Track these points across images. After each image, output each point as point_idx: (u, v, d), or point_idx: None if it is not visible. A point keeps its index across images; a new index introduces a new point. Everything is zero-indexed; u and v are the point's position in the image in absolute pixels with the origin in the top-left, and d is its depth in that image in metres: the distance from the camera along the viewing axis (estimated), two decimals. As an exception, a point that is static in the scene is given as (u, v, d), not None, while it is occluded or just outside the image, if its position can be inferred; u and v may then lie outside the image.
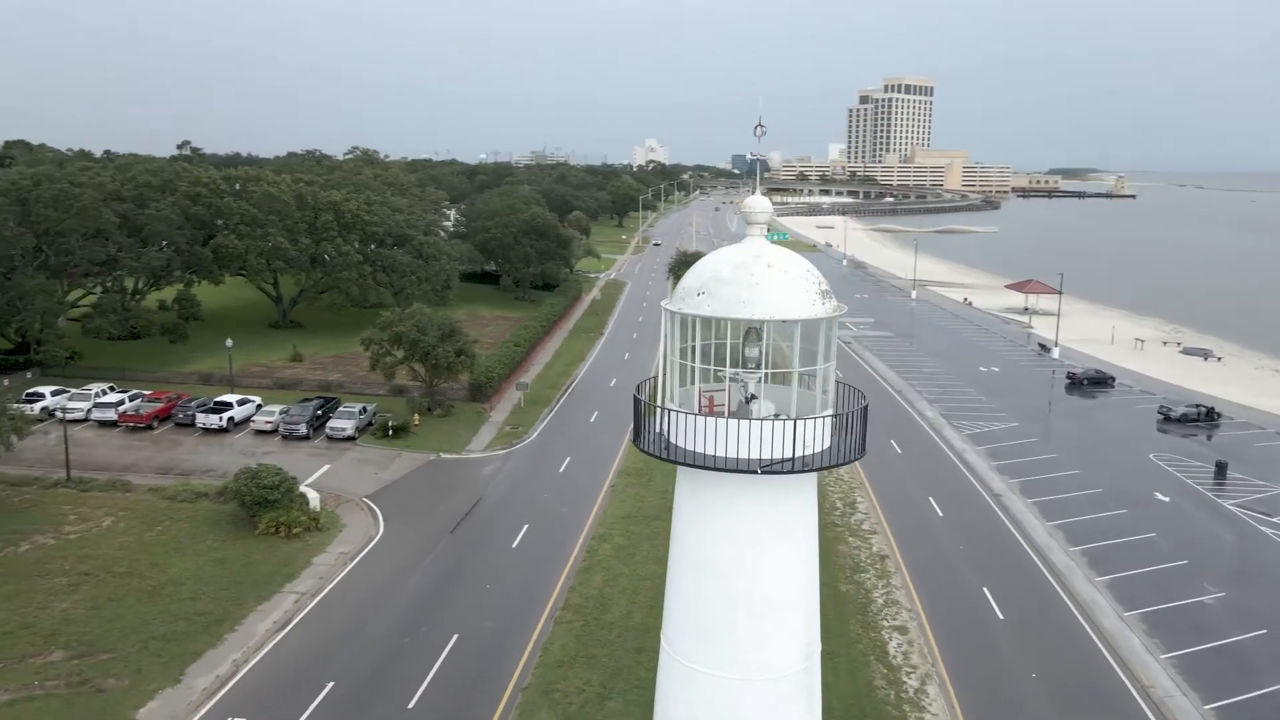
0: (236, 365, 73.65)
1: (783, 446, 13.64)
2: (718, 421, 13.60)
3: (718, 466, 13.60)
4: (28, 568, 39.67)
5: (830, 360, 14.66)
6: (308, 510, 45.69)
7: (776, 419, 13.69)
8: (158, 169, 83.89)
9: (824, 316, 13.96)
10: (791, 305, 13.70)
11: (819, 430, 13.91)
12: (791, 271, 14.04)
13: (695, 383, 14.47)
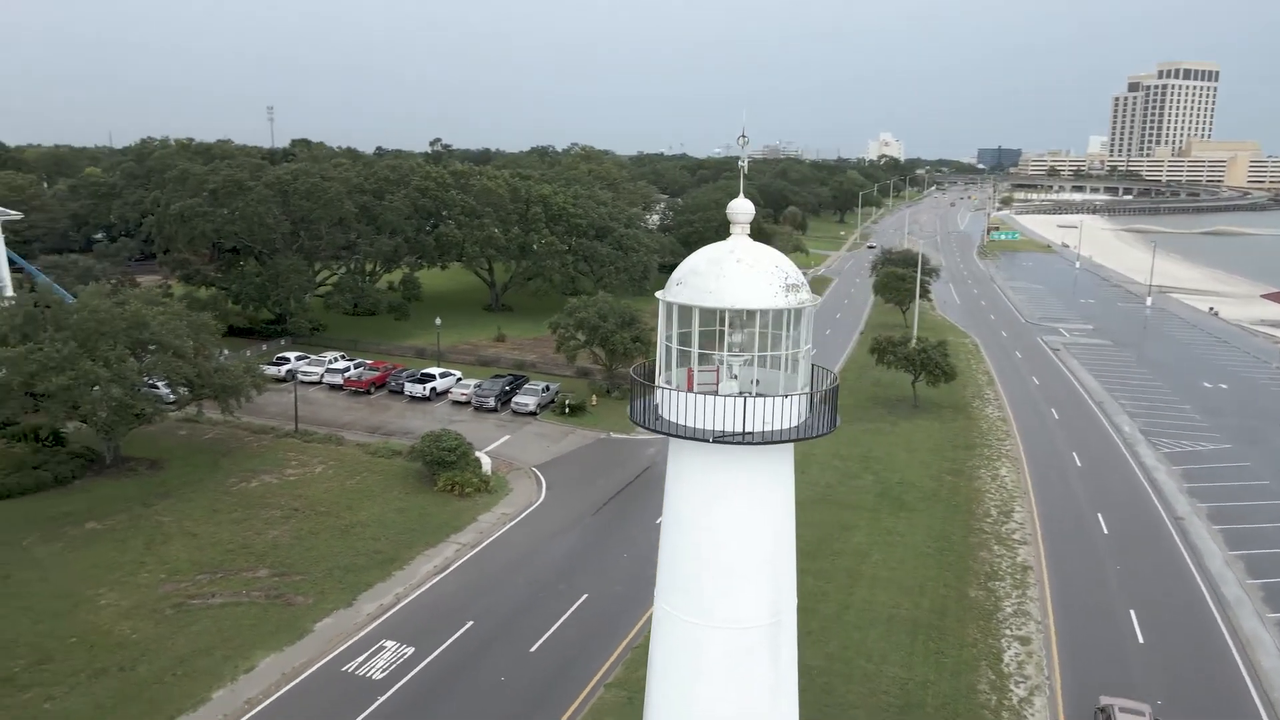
0: (448, 342, 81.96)
1: (741, 421, 15.32)
2: (687, 396, 15.51)
3: (678, 434, 15.56)
4: (253, 500, 47.52)
5: (803, 346, 16.12)
6: (480, 473, 50.95)
7: (739, 396, 15.40)
8: (396, 165, 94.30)
9: (784, 308, 15.44)
10: (753, 297, 15.31)
11: (780, 407, 15.43)
12: (758, 266, 15.62)
13: (689, 364, 16.39)
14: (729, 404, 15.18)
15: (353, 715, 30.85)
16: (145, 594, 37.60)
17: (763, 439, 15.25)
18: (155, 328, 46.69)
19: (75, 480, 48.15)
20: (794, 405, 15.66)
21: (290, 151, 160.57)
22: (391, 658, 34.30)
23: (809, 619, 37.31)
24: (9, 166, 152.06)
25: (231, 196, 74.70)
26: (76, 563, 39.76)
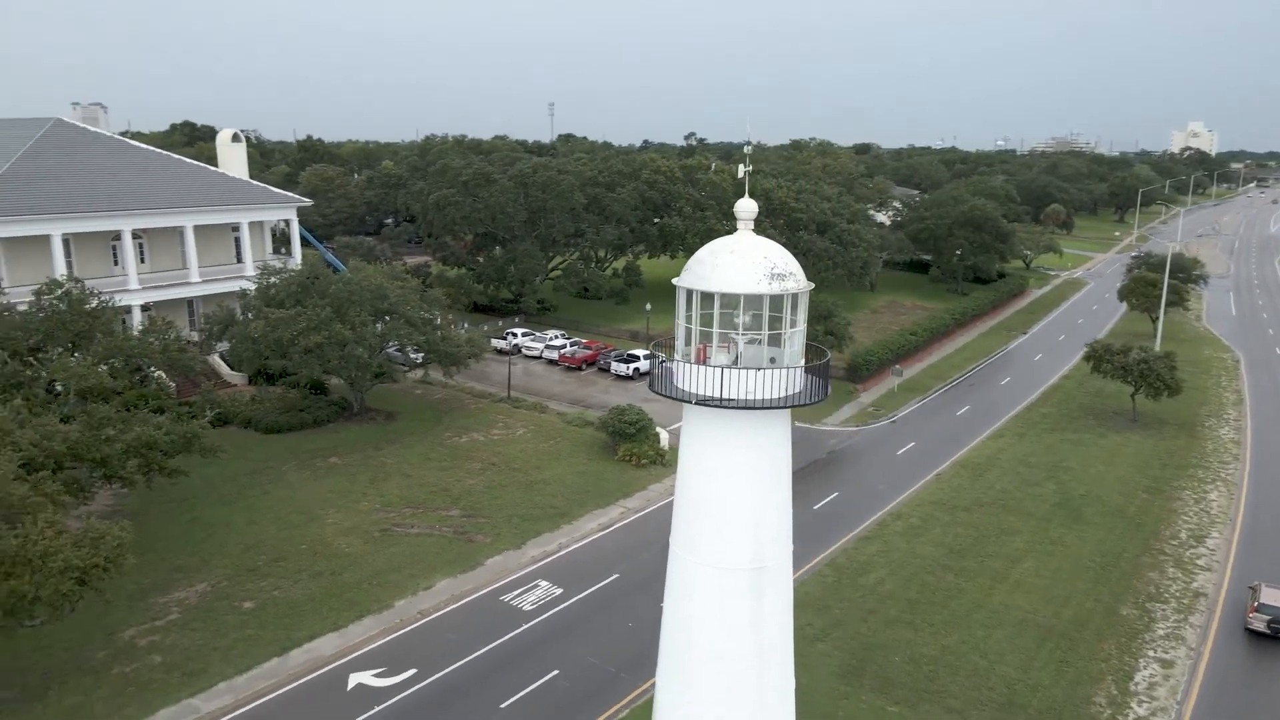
0: (662, 327, 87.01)
1: (726, 388, 17.78)
2: (689, 366, 18.19)
3: (672, 396, 18.32)
4: (460, 453, 54.80)
5: (795, 328, 18.31)
6: (657, 447, 55.10)
7: (728, 368, 17.84)
8: (630, 159, 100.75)
9: (766, 293, 17.62)
10: (739, 283, 17.58)
11: (764, 379, 17.70)
12: (747, 258, 17.84)
13: (701, 341, 19.01)
14: (721, 374, 17.77)
15: (501, 635, 36.05)
16: (362, 518, 45.37)
17: (737, 405, 17.70)
18: (393, 299, 55.16)
19: (329, 423, 58.00)
20: (776, 377, 17.91)
21: (551, 146, 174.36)
22: (542, 595, 39.27)
23: (935, 612, 37.97)
24: (324, 160, 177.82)
25: (480, 188, 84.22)
26: (316, 488, 48.54)
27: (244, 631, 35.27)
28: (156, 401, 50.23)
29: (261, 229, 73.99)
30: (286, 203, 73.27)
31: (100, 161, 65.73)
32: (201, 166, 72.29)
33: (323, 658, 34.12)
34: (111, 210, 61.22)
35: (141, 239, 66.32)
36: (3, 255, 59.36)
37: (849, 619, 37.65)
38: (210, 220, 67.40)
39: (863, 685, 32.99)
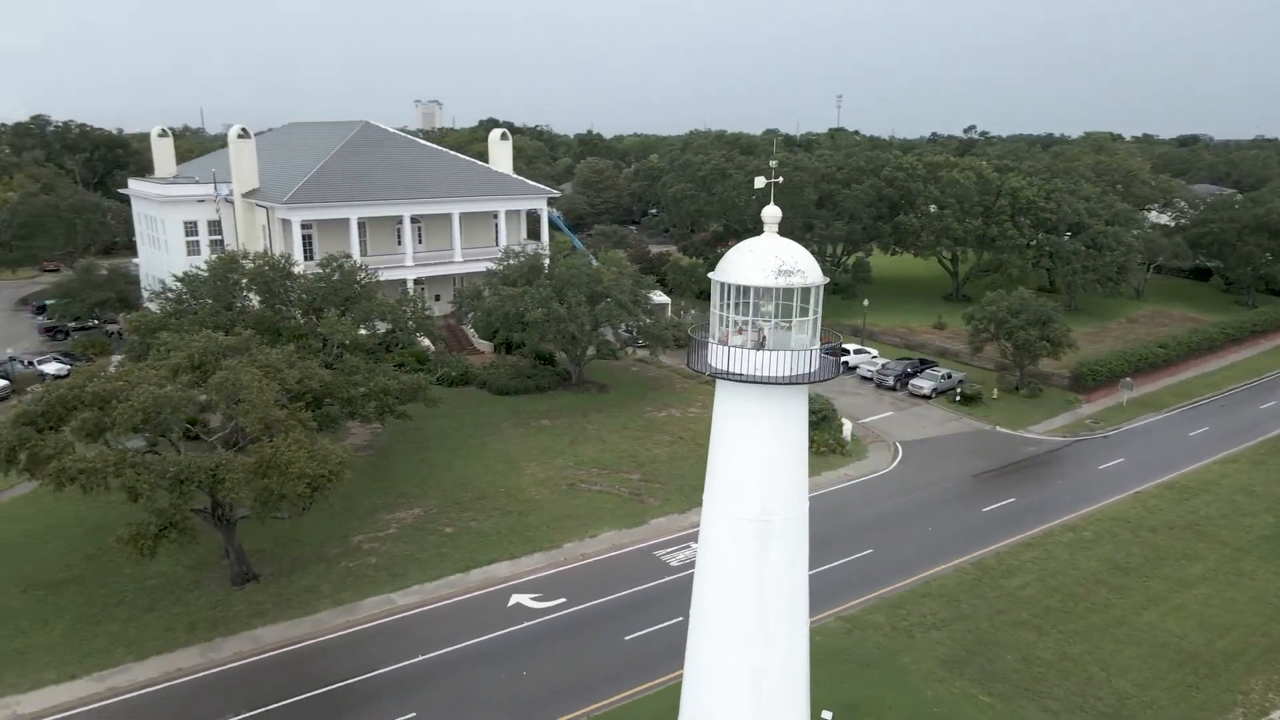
0: (887, 324, 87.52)
1: (738, 366, 20.94)
2: (715, 346, 21.56)
3: (696, 369, 21.76)
4: (655, 425, 60.19)
5: (805, 317, 21.14)
6: (838, 436, 57.14)
7: (738, 348, 21.00)
8: (873, 156, 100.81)
9: (774, 286, 20.52)
10: (751, 276, 20.56)
11: (767, 359, 20.64)
12: (762, 256, 20.69)
13: (730, 326, 22.29)
14: (729, 353, 21.15)
15: (643, 583, 40.88)
16: (555, 472, 52.10)
17: (731, 378, 20.93)
18: (606, 283, 61.56)
19: (550, 390, 65.82)
20: (777, 358, 20.86)
21: (813, 140, 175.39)
22: (690, 555, 43.53)
23: (1069, 621, 37.79)
24: (601, 153, 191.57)
25: (714, 183, 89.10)
26: (524, 443, 56.05)
27: (440, 550, 42.91)
28: (421, 360, 60.72)
29: (518, 216, 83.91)
30: (538, 194, 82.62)
31: (393, 158, 78.39)
32: (471, 161, 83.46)
33: (495, 578, 40.86)
34: (394, 199, 73.18)
35: (420, 223, 78.26)
36: (316, 234, 73.09)
37: (975, 614, 38.37)
38: (473, 208, 78.01)
39: (962, 674, 34.10)
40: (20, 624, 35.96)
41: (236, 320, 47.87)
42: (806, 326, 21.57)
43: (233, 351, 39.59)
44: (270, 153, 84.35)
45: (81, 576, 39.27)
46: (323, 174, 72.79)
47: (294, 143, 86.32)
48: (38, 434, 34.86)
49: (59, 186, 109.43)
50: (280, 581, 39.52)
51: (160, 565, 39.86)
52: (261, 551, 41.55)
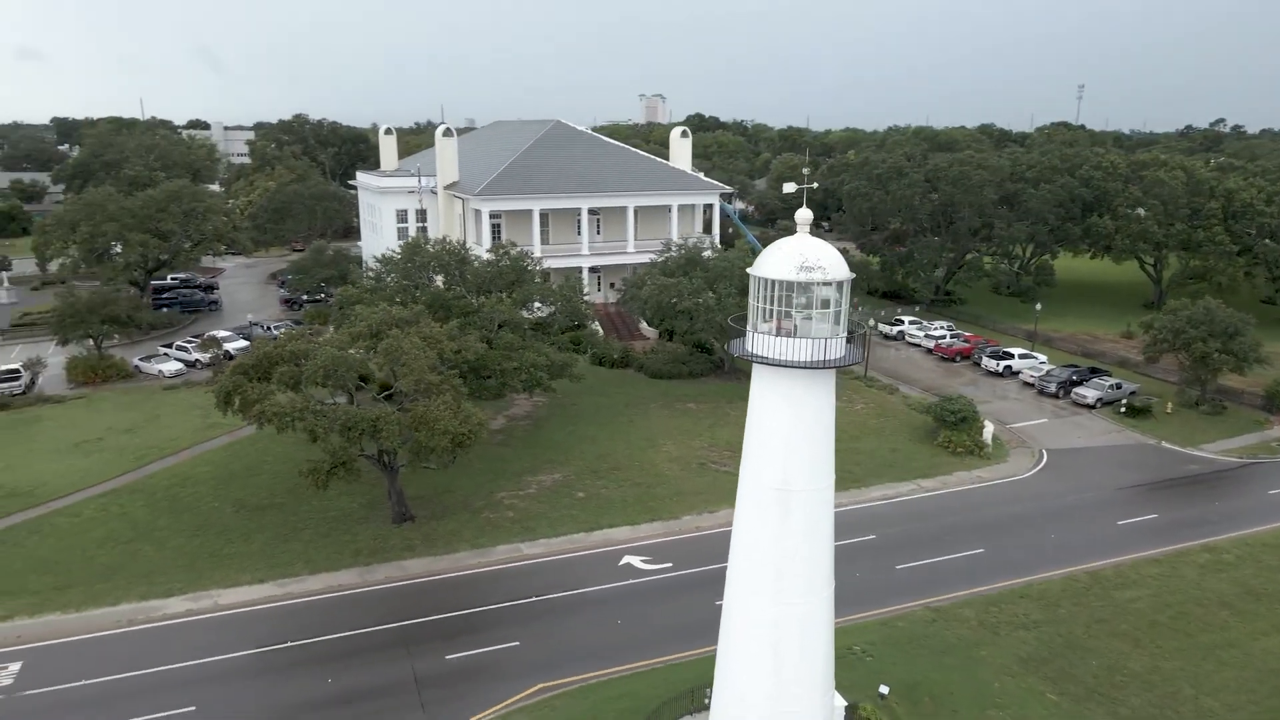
0: (1069, 329, 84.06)
1: (770, 351, 23.43)
2: (759, 337, 24.19)
3: (731, 353, 24.45)
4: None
5: (838, 308, 23.39)
6: (977, 439, 56.75)
7: (765, 334, 23.50)
8: (1070, 155, 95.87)
9: (795, 280, 22.79)
10: (778, 271, 22.96)
11: (787, 345, 23.01)
12: (788, 254, 22.91)
13: (768, 317, 24.83)
14: (754, 338, 23.84)
15: (749, 558, 43.62)
16: (689, 452, 55.65)
17: (765, 362, 23.45)
18: (756, 277, 64.11)
19: (702, 376, 69.35)
20: (796, 345, 23.21)
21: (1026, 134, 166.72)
22: (800, 536, 45.80)
23: (1174, 638, 36.98)
24: (800, 148, 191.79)
25: (890, 181, 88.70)
26: (667, 423, 59.95)
27: (570, 511, 47.73)
28: (576, 341, 66.22)
29: (692, 210, 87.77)
30: (710, 190, 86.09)
31: (577, 154, 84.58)
32: (650, 158, 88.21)
33: (613, 540, 45.12)
34: (573, 193, 79.20)
35: (598, 215, 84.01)
36: (504, 223, 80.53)
37: (1071, 620, 38.20)
38: (647, 202, 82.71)
39: (1037, 672, 34.47)
40: (230, 536, 44.27)
41: (417, 297, 54.93)
42: (828, 317, 23.88)
43: (403, 323, 46.15)
44: (475, 148, 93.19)
45: (280, 504, 47.37)
46: (512, 169, 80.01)
47: (496, 139, 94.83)
48: (249, 382, 42.77)
49: (309, 177, 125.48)
50: (430, 524, 45.78)
51: (340, 501, 47.35)
52: (420, 497, 48.12)
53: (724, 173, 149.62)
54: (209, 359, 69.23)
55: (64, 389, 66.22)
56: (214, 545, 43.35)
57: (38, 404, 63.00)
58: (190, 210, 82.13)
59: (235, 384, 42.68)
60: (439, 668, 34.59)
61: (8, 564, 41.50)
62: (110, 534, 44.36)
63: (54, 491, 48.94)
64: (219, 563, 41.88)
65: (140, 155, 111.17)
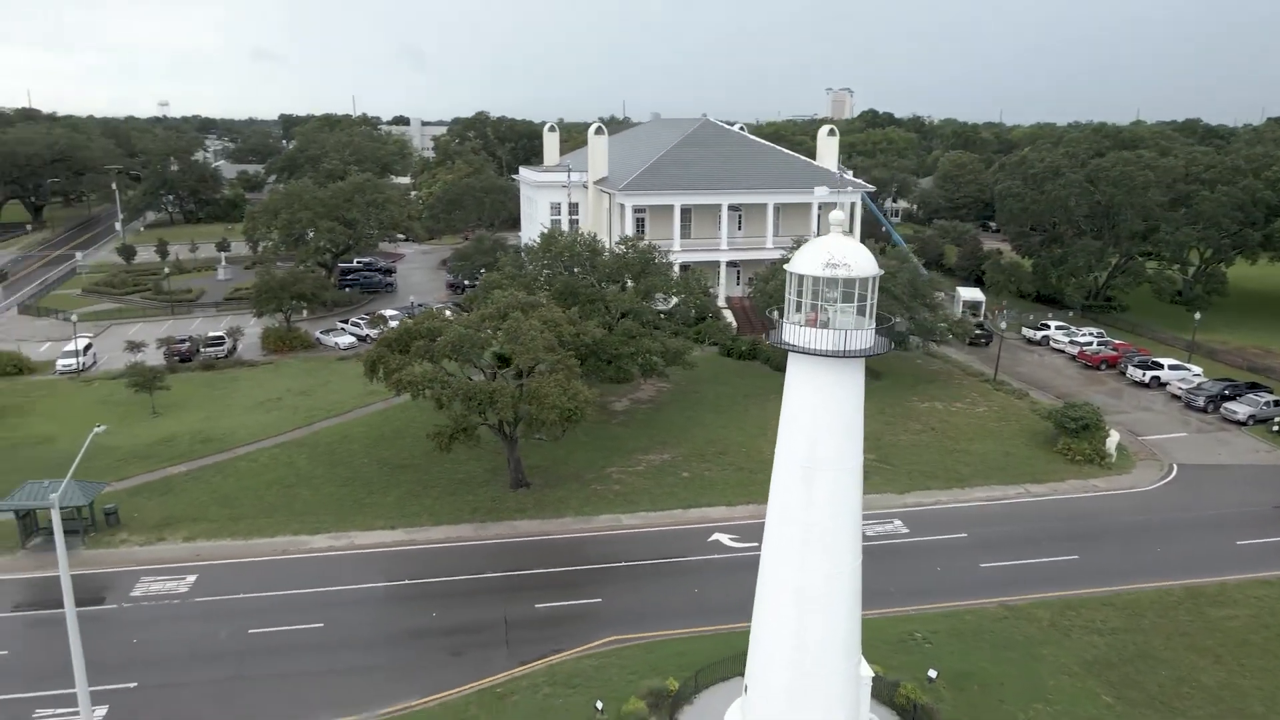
0: (1238, 343, 78.91)
1: (797, 339, 25.56)
2: (790, 326, 26.36)
3: (771, 342, 26.59)
4: (911, 414, 62.35)
5: (864, 301, 25.25)
6: (1099, 447, 55.22)
7: (796, 325, 25.63)
8: (1256, 155, 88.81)
9: (821, 275, 24.76)
10: (807, 267, 24.94)
11: (812, 334, 25.07)
12: (816, 250, 24.78)
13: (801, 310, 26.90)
14: (784, 327, 26.09)
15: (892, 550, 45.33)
16: (797, 442, 57.38)
17: (792, 349, 25.62)
18: (889, 278, 64.67)
19: (826, 372, 70.55)
20: (821, 335, 25.25)
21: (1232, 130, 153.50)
22: (889, 531, 46.95)
23: (1263, 658, 35.97)
24: (974, 146, 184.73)
25: (1045, 181, 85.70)
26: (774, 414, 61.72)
27: (672, 489, 50.97)
28: (698, 333, 69.32)
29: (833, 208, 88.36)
30: (851, 188, 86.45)
31: (721, 152, 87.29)
32: (794, 156, 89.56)
33: (707, 518, 48.01)
34: (713, 189, 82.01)
35: (740, 211, 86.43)
36: (648, 217, 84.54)
37: (1152, 631, 37.66)
38: (786, 199, 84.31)
39: (1099, 676, 34.53)
40: (371, 488, 50.54)
41: (549, 284, 59.70)
42: (850, 310, 25.88)
43: (528, 307, 50.82)
44: (628, 145, 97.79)
45: (417, 464, 53.34)
46: (657, 165, 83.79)
47: (648, 136, 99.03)
48: (390, 354, 48.72)
49: (484, 171, 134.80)
50: (543, 491, 50.29)
51: (468, 466, 52.78)
52: (538, 467, 52.80)
53: (886, 170, 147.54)
54: (376, 335, 77.32)
55: (258, 355, 76.14)
56: (358, 495, 49.71)
57: (236, 366, 72.97)
58: (372, 201, 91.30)
59: (379, 354, 48.76)
60: (528, 614, 38.82)
61: (196, 496, 49.49)
62: (277, 478, 51.73)
63: (240, 440, 57.26)
64: (360, 509, 48.09)
65: (337, 151, 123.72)
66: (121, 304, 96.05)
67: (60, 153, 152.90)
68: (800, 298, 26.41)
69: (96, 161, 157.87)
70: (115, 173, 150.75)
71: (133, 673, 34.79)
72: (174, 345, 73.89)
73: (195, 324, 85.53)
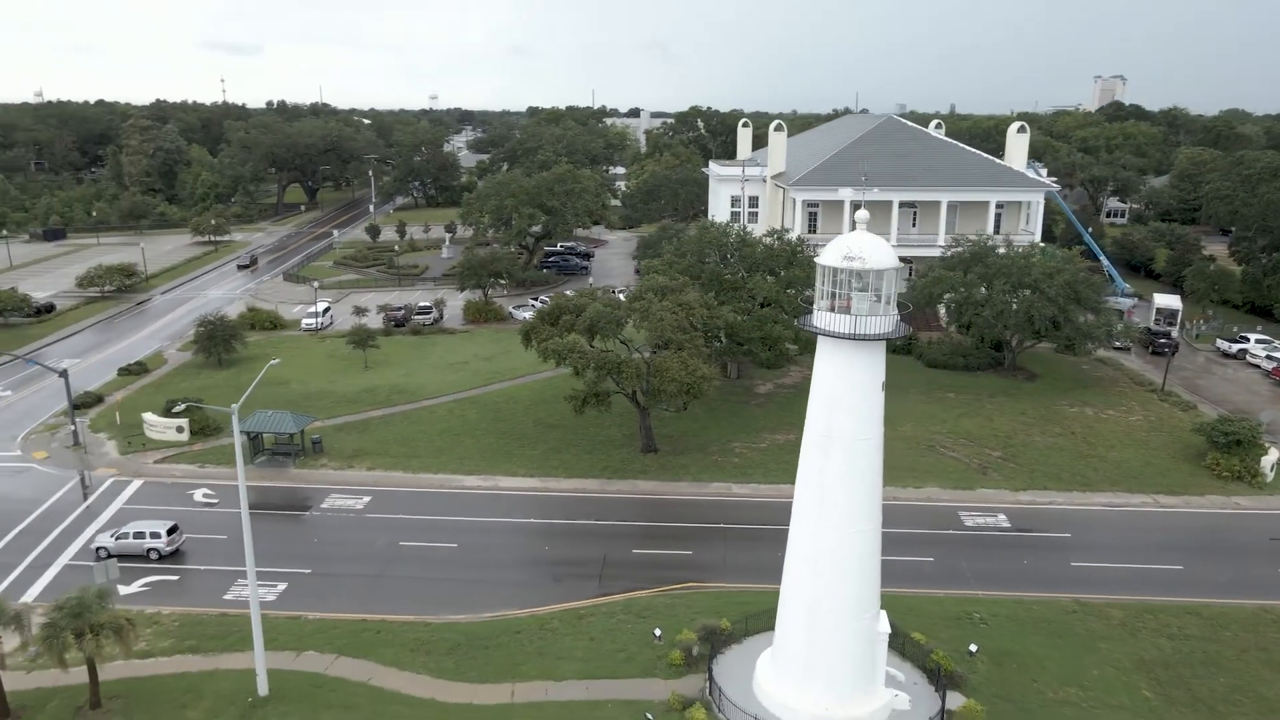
0: None
1: (831, 326, 28.94)
2: (819, 313, 29.72)
3: (801, 325, 30.01)
4: (1056, 416, 61.35)
5: (887, 290, 28.27)
6: (1251, 465, 52.47)
7: (826, 313, 28.90)
8: None
9: (839, 267, 27.94)
10: (829, 259, 28.08)
11: (831, 319, 28.31)
12: (838, 246, 28.00)
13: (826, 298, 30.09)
14: (828, 316, 29.49)
15: (931, 528, 47.34)
16: (925, 434, 58.81)
17: (813, 330, 29.04)
18: (1035, 276, 63.89)
19: (978, 370, 70.48)
20: (837, 320, 28.46)
21: None
22: (990, 523, 48.10)
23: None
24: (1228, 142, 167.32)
25: (1261, 183, 79.13)
26: (918, 407, 63.11)
27: (786, 465, 53.51)
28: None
29: (1019, 208, 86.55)
30: (1034, 188, 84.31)
31: (899, 149, 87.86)
32: (976, 154, 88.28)
33: (812, 494, 51.21)
34: (884, 186, 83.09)
35: (915, 208, 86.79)
36: (821, 212, 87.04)
37: (1228, 642, 37.15)
38: (960, 198, 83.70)
39: (1149, 673, 34.95)
40: (522, 442, 58.05)
41: (698, 271, 64.59)
42: (865, 299, 29.09)
43: (668, 291, 56.11)
44: (813, 141, 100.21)
45: (565, 426, 60.26)
46: (831, 161, 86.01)
47: (832, 133, 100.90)
48: (543, 326, 55.82)
49: (691, 162, 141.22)
50: (669, 457, 55.57)
51: (607, 431, 59.05)
52: (669, 436, 58.11)
53: (1109, 168, 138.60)
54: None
55: (458, 324, 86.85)
56: (509, 446, 57.40)
57: (438, 333, 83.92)
58: (570, 190, 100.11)
59: (533, 326, 56.05)
60: (624, 557, 44.41)
61: (383, 435, 59.23)
62: (449, 427, 60.58)
63: (427, 393, 67.02)
64: (508, 458, 55.68)
65: (551, 144, 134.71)
66: (360, 275, 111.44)
67: (331, 143, 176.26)
68: (825, 286, 30.02)
69: (360, 151, 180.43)
70: (373, 161, 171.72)
71: (309, 563, 43.94)
72: (390, 312, 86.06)
73: (415, 295, 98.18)
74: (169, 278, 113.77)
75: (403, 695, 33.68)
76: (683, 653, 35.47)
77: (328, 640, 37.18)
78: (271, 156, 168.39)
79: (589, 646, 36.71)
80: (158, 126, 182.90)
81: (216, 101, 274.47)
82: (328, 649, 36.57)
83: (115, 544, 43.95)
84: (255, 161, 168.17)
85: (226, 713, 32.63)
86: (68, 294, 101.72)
